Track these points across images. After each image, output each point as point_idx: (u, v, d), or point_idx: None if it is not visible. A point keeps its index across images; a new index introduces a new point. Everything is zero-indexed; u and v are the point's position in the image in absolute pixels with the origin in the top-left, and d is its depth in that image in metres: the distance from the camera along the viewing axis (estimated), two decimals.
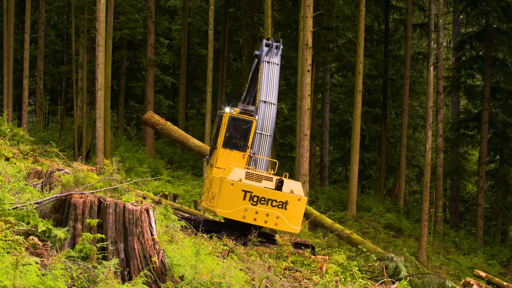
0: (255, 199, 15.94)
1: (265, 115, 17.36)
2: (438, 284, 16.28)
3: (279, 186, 16.21)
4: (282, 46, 17.94)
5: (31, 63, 34.74)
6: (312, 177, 32.92)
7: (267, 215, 16.05)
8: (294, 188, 16.41)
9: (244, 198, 15.85)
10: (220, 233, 16.28)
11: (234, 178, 15.83)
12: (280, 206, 16.16)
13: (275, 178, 16.40)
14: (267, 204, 16.01)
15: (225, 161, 17.00)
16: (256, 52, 18.40)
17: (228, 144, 17.02)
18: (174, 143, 41.32)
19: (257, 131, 17.24)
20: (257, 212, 15.95)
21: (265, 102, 17.19)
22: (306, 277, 13.45)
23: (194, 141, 23.12)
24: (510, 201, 35.99)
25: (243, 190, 15.81)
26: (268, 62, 17.65)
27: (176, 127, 23.33)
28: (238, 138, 17.16)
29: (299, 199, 16.37)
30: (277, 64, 17.86)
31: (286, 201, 16.20)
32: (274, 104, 17.56)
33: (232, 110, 16.98)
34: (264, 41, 18.18)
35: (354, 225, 29.39)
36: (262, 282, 10.58)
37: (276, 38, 18.18)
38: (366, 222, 31.04)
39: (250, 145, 17.21)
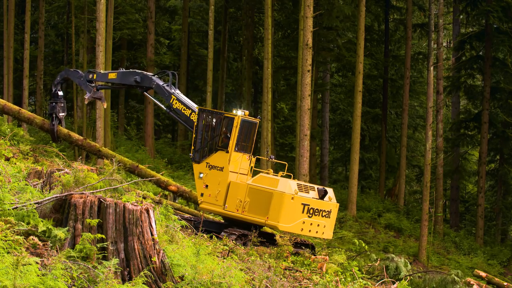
0: (311, 211, 16.24)
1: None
2: (439, 279, 16.32)
3: (322, 196, 16.58)
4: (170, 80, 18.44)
5: (31, 63, 34.69)
6: (312, 177, 32.91)
7: (318, 225, 16.47)
8: (331, 196, 16.88)
9: (303, 211, 16.10)
10: (220, 233, 16.28)
11: (289, 191, 15.97)
12: (326, 215, 16.58)
13: (316, 187, 16.85)
14: (318, 215, 16.39)
15: (246, 166, 17.01)
16: (137, 78, 18.51)
17: (237, 147, 16.96)
18: (175, 143, 41.35)
19: None
20: (311, 224, 16.31)
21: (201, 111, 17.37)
22: (306, 277, 13.45)
23: None
24: (510, 201, 35.98)
25: (302, 204, 16.06)
26: (177, 93, 18.10)
27: None
28: (245, 140, 17.17)
29: (335, 206, 16.97)
30: (179, 93, 18.41)
31: (330, 209, 16.72)
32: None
33: (243, 113, 16.89)
34: (156, 80, 18.35)
35: (354, 225, 29.38)
36: (262, 282, 10.58)
37: (165, 75, 18.72)
38: (366, 222, 31.03)
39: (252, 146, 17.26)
